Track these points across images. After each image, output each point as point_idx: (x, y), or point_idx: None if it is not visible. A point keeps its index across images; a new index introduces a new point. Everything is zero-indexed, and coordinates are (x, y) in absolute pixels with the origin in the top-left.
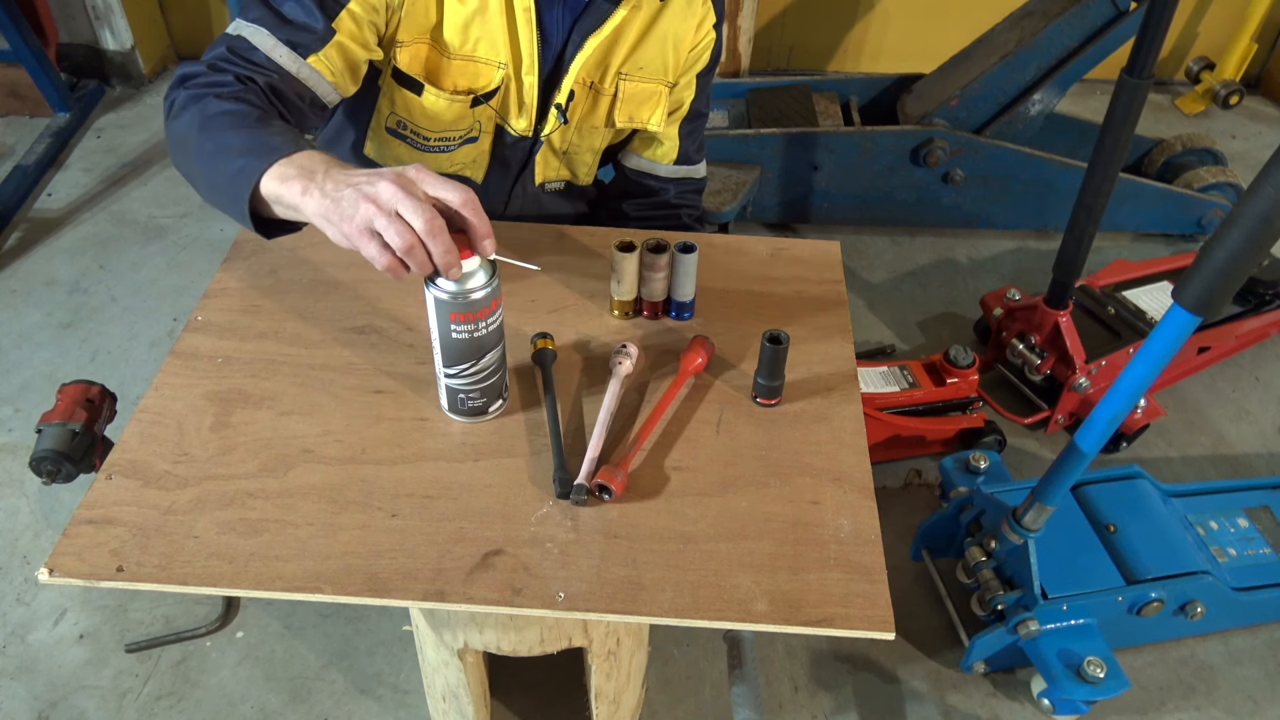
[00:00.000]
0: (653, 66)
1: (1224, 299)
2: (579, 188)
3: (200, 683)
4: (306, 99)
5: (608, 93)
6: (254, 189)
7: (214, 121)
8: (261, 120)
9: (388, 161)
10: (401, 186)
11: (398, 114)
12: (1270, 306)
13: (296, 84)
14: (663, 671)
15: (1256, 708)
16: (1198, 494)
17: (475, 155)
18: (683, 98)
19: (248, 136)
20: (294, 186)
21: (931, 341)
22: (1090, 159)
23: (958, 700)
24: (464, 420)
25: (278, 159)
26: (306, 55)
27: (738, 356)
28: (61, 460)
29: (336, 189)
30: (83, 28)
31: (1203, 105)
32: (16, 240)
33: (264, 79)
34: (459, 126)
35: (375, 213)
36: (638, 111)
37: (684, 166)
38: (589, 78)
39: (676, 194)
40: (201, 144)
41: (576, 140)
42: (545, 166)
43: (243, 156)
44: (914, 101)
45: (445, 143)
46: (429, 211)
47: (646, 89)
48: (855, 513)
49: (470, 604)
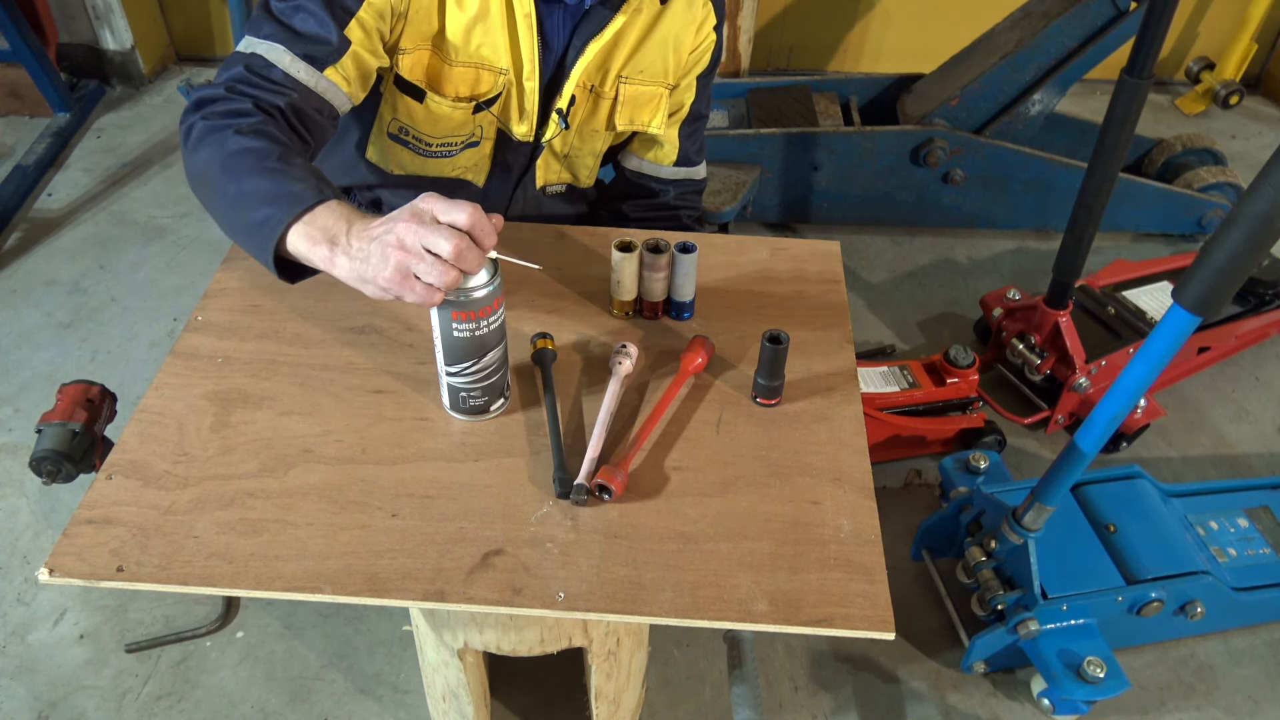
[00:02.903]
0: (653, 69)
1: (1224, 299)
2: (580, 190)
3: (200, 683)
4: (325, 112)
5: (608, 96)
6: (279, 242)
7: (235, 161)
8: (283, 159)
9: (390, 165)
10: (419, 222)
11: (400, 120)
12: (1270, 306)
13: (315, 99)
14: (663, 671)
15: (1256, 708)
16: (1198, 494)
17: (477, 159)
18: (683, 99)
19: (270, 184)
20: (321, 251)
21: (931, 341)
22: (1090, 159)
23: (958, 700)
24: (466, 419)
25: (301, 212)
26: (323, 68)
27: (738, 356)
28: (61, 460)
29: (361, 247)
30: (83, 28)
31: (1203, 105)
32: (16, 240)
33: (284, 100)
34: (461, 132)
35: (406, 259)
36: (638, 114)
37: (684, 168)
38: (589, 81)
39: (676, 195)
40: (223, 185)
41: (578, 144)
42: (546, 170)
43: (267, 206)
44: (914, 101)
45: (447, 148)
46: (453, 237)
47: (647, 92)
48: (855, 513)
49: (470, 604)
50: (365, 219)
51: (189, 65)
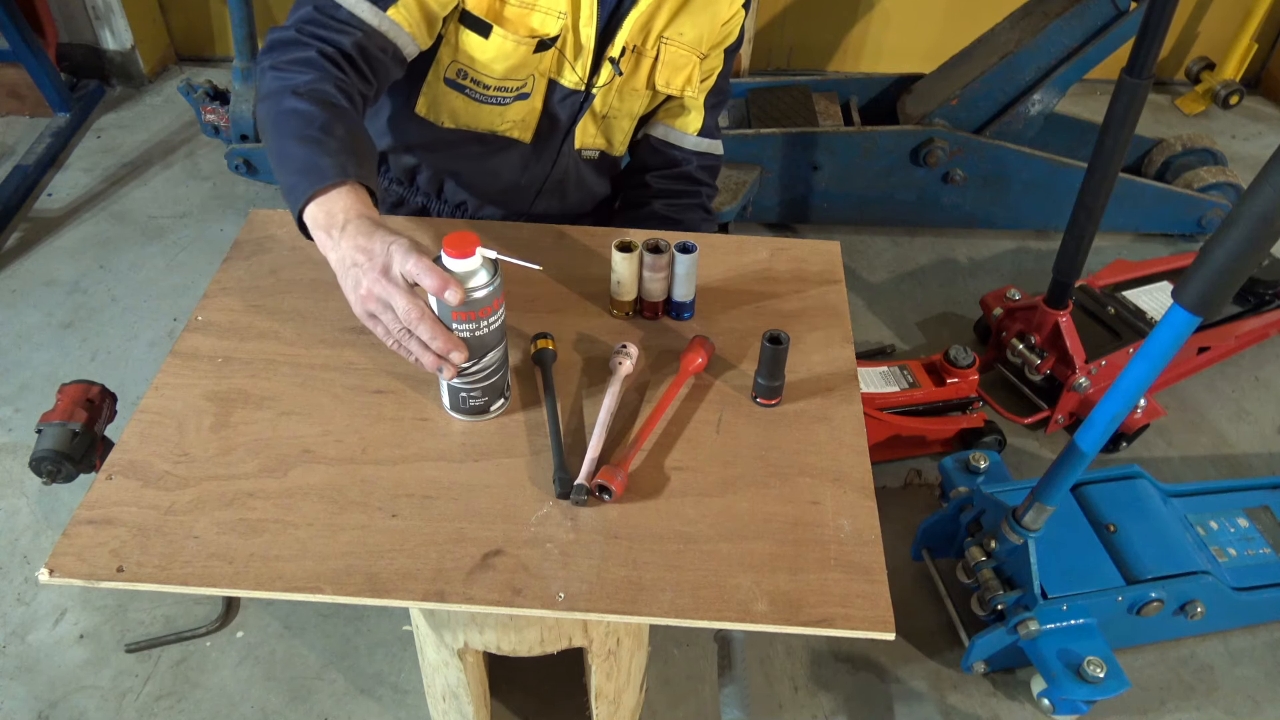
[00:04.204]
0: (690, 35)
1: (1224, 299)
2: (611, 158)
3: (200, 683)
4: (389, 52)
5: (649, 55)
6: (301, 209)
7: (284, 122)
8: (325, 128)
9: (441, 117)
10: (385, 279)
11: (459, 62)
12: (1270, 306)
13: (380, 38)
14: (663, 671)
15: (1256, 708)
16: (1198, 494)
17: (526, 113)
18: (712, 68)
19: (304, 153)
20: (320, 235)
21: (931, 341)
22: (1090, 159)
23: (958, 700)
24: (466, 419)
25: (320, 190)
26: (385, 8)
27: (738, 356)
28: (61, 460)
29: (341, 261)
30: (83, 28)
31: (1203, 105)
32: (16, 240)
33: (350, 39)
34: (519, 74)
35: (369, 306)
36: (674, 77)
37: (707, 140)
38: (634, 40)
39: (699, 167)
40: (271, 143)
41: (617, 104)
42: (584, 133)
43: (297, 174)
44: (914, 101)
45: (503, 94)
46: (406, 303)
47: (682, 55)
48: (855, 513)
49: (470, 604)
50: (364, 224)
51: (189, 65)
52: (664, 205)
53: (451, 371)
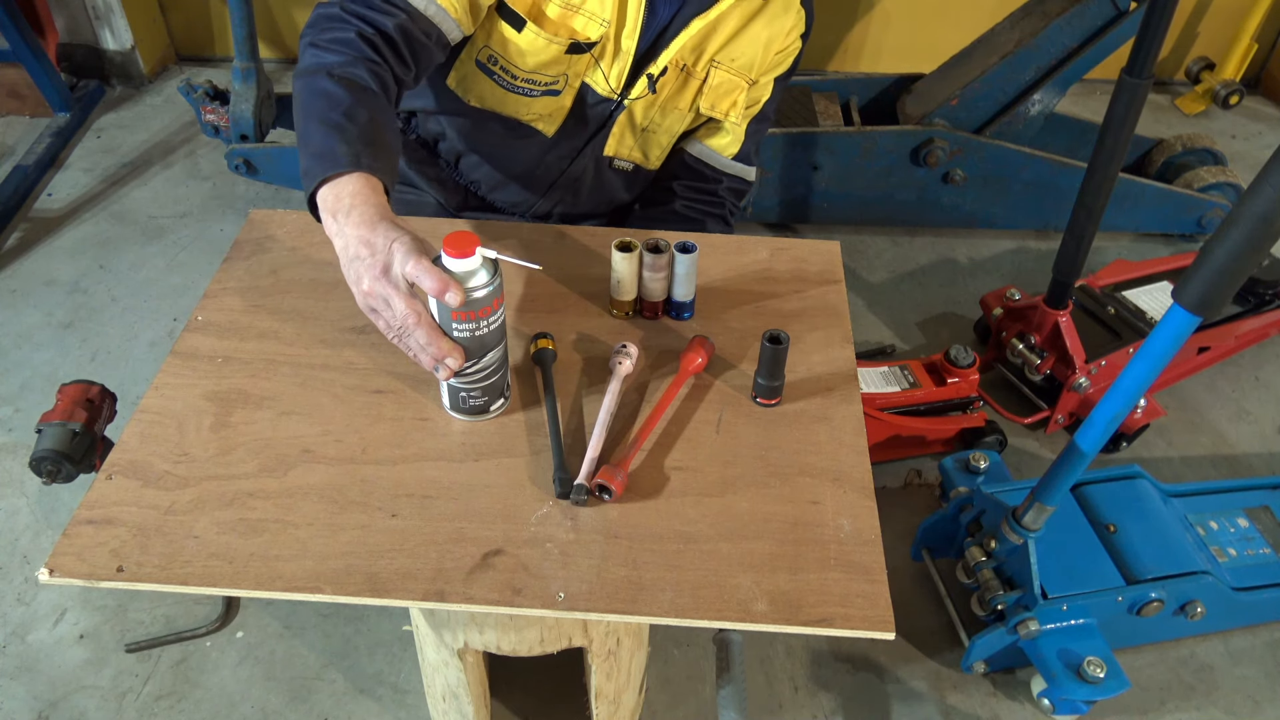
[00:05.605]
0: (742, 60)
1: (1224, 299)
2: (645, 172)
3: (200, 683)
4: (433, 37)
5: (698, 77)
6: (314, 191)
7: (313, 102)
8: (349, 114)
9: (468, 95)
10: (385, 279)
11: (491, 48)
12: (1270, 306)
13: (424, 21)
14: (663, 671)
15: (1256, 708)
16: (1198, 494)
17: (553, 109)
18: (760, 96)
19: (323, 137)
20: (327, 219)
21: (931, 341)
22: (1090, 159)
23: (958, 700)
24: (466, 419)
25: (329, 177)
26: None
27: (738, 356)
28: (61, 460)
29: (345, 249)
30: (83, 28)
31: (1203, 105)
32: (16, 240)
33: (393, 20)
34: (548, 71)
35: (370, 302)
36: (720, 101)
37: (741, 164)
38: (683, 59)
39: (727, 189)
40: (297, 121)
41: (658, 119)
42: (620, 142)
43: (312, 158)
44: (914, 101)
45: (530, 86)
46: (404, 306)
47: (731, 80)
48: (855, 513)
49: (470, 604)
50: (368, 214)
51: (189, 65)
52: (685, 205)
53: (448, 373)
